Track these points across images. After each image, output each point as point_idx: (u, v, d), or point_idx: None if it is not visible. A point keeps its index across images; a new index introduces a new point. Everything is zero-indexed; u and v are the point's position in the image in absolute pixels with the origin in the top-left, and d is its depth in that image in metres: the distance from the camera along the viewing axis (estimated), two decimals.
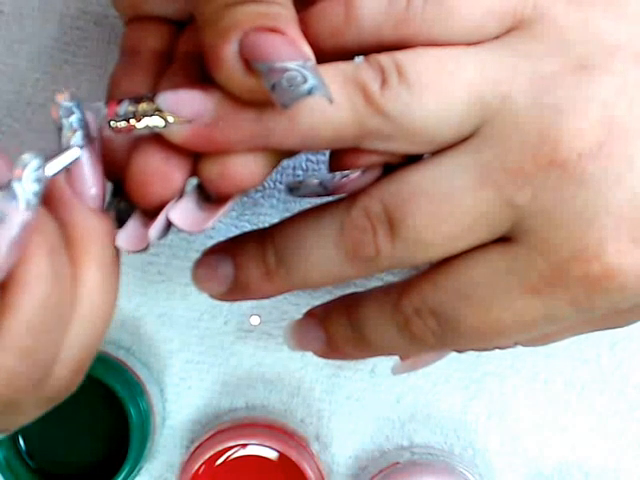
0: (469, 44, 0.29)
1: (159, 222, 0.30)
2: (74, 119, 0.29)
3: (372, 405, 0.44)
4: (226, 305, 0.44)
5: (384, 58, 0.28)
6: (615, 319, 0.33)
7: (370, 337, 0.32)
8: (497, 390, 0.44)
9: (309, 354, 0.44)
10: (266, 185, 0.43)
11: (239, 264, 0.32)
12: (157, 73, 0.32)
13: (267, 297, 0.32)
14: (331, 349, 0.34)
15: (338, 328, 0.33)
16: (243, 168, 0.29)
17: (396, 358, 0.39)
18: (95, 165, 0.30)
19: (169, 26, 0.33)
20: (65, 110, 0.29)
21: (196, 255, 0.33)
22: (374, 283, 0.33)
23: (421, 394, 0.44)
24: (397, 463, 0.43)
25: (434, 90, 0.28)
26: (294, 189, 0.31)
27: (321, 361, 0.44)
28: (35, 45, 0.43)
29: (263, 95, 0.26)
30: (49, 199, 0.29)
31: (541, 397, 0.44)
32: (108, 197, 0.33)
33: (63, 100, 0.29)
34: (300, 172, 0.43)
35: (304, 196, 0.31)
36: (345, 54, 0.29)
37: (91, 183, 0.30)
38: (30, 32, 0.43)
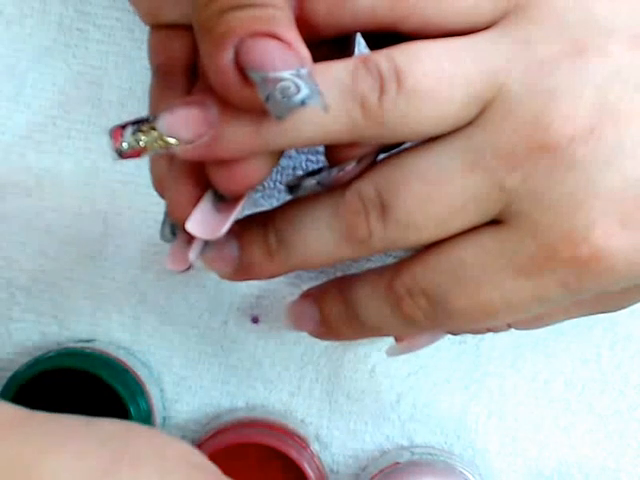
0: (464, 27, 0.29)
1: (196, 243, 0.32)
2: None
3: (372, 405, 0.44)
4: (226, 305, 0.44)
5: (383, 63, 0.28)
6: (607, 302, 0.34)
7: (364, 317, 0.33)
8: (497, 390, 0.44)
9: (309, 354, 0.44)
10: (266, 185, 0.43)
11: (243, 245, 0.33)
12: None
13: (270, 277, 0.33)
14: (326, 329, 0.35)
15: (332, 308, 0.34)
16: (250, 167, 0.29)
17: (392, 341, 0.39)
18: None
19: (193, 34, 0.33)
20: None
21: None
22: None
23: (421, 394, 0.44)
24: (397, 463, 0.43)
25: (432, 99, 0.28)
26: (294, 188, 0.32)
27: (321, 361, 0.44)
28: (35, 45, 0.43)
29: (260, 105, 0.27)
30: None
31: (541, 397, 0.44)
32: (163, 213, 0.34)
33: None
34: (300, 172, 0.44)
35: (304, 195, 0.32)
36: (342, 33, 0.30)
37: None
38: (30, 32, 0.43)
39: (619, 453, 0.44)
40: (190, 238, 0.32)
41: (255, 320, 0.44)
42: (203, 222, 0.31)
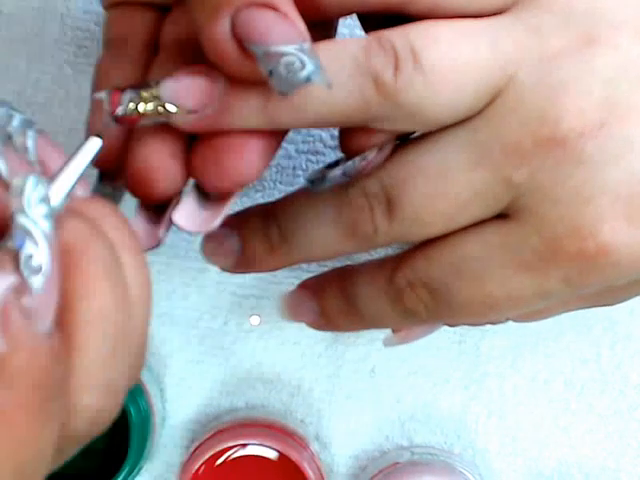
0: (475, 10, 0.28)
1: (167, 220, 0.30)
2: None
3: (372, 405, 0.44)
4: (226, 305, 0.44)
5: (398, 40, 0.27)
6: (608, 296, 0.34)
7: (363, 310, 0.33)
8: (497, 390, 0.44)
9: (309, 354, 0.44)
10: (266, 185, 0.43)
11: (244, 239, 0.33)
12: (146, 63, 0.31)
13: (271, 270, 0.33)
14: (324, 321, 0.34)
15: (331, 300, 0.34)
16: (239, 164, 0.28)
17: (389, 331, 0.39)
18: None
19: (154, 12, 0.32)
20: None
21: (196, 255, 0.34)
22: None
23: (421, 394, 0.44)
24: (397, 463, 0.43)
25: (448, 80, 0.27)
26: (316, 182, 0.31)
27: (321, 361, 0.44)
28: (35, 45, 0.43)
29: (261, 79, 0.26)
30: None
31: (541, 397, 0.44)
32: (94, 182, 0.33)
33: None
34: (300, 172, 0.44)
35: (327, 188, 0.31)
36: (347, 13, 0.29)
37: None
38: (30, 32, 0.43)
39: (619, 453, 0.44)
40: (157, 215, 0.30)
41: (255, 320, 0.44)
42: (191, 217, 0.29)
